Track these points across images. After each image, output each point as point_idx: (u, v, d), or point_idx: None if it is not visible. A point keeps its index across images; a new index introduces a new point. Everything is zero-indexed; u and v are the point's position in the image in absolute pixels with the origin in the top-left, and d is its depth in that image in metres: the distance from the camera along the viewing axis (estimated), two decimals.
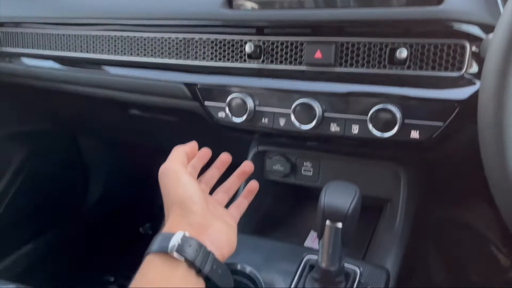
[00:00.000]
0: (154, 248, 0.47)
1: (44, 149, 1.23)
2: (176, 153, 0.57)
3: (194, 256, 0.46)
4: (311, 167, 0.86)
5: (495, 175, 0.45)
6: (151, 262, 0.46)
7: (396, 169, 0.77)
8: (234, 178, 0.65)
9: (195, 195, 0.52)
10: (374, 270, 0.65)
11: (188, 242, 0.47)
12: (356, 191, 0.59)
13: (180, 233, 0.47)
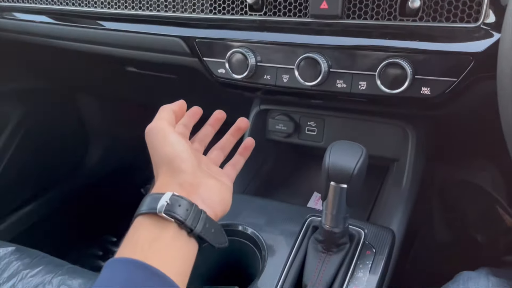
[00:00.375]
0: (143, 209, 0.45)
1: (42, 107, 1.20)
2: (163, 111, 0.54)
3: (184, 216, 0.45)
4: (315, 126, 0.83)
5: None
6: (140, 223, 0.45)
7: (404, 128, 0.74)
8: (229, 135, 0.63)
9: (184, 153, 0.50)
10: (379, 231, 0.64)
11: (178, 202, 0.45)
12: (363, 151, 0.56)
13: (168, 193, 0.45)
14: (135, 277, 0.40)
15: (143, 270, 0.40)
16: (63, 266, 0.81)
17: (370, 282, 0.58)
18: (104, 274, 0.41)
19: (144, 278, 0.40)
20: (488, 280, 0.59)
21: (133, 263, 0.41)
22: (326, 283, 0.58)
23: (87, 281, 0.77)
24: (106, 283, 0.40)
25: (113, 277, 0.40)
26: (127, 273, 0.40)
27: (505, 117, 0.44)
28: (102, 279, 0.41)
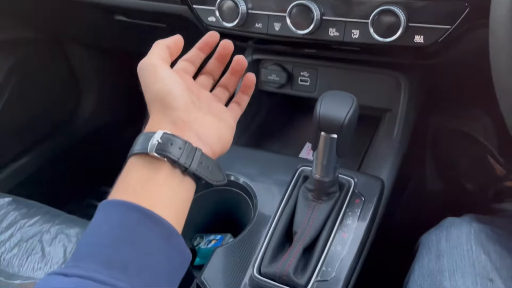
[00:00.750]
0: (135, 149, 0.43)
1: (30, 59, 1.18)
2: (156, 47, 0.51)
3: (177, 154, 0.43)
4: (308, 76, 0.82)
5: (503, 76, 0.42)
6: (132, 164, 0.43)
7: (397, 77, 0.73)
8: (229, 75, 0.59)
9: (176, 89, 0.47)
10: (369, 180, 0.64)
11: (170, 140, 0.43)
12: (354, 101, 0.56)
13: (160, 131, 0.43)
14: (128, 219, 0.39)
15: (136, 212, 0.39)
16: (60, 215, 0.83)
17: (359, 229, 0.60)
18: (97, 217, 0.41)
19: (137, 220, 0.39)
20: (471, 226, 0.61)
21: (126, 205, 0.40)
22: (315, 230, 0.60)
23: (84, 230, 0.79)
24: (99, 227, 0.40)
25: (106, 220, 0.40)
26: (120, 215, 0.39)
27: (495, 64, 0.44)
28: (95, 223, 0.40)
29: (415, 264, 0.62)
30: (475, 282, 0.55)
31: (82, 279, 0.35)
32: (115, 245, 0.38)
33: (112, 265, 0.36)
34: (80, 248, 0.39)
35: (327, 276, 0.56)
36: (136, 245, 0.38)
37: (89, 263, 0.36)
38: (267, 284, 0.56)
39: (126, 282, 0.36)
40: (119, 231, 0.38)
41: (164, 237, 0.39)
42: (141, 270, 0.37)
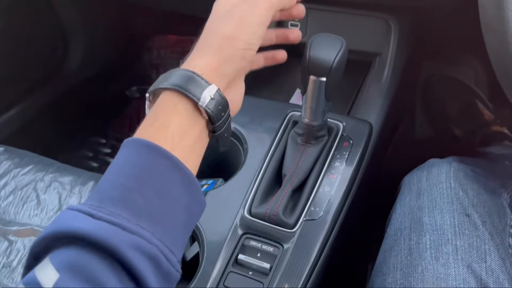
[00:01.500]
0: (182, 86, 0.39)
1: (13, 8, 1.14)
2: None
3: (217, 118, 0.41)
4: (298, 21, 0.80)
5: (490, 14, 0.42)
6: (175, 105, 0.40)
7: (387, 20, 0.72)
8: (272, 33, 0.55)
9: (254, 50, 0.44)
10: (357, 123, 0.65)
11: (220, 103, 0.41)
12: (343, 43, 0.56)
13: (214, 87, 0.40)
14: (158, 165, 0.37)
15: (166, 159, 0.38)
16: (53, 164, 0.84)
17: (346, 171, 0.62)
18: (125, 154, 0.38)
19: (166, 167, 0.38)
20: (451, 166, 0.63)
21: (157, 150, 0.38)
22: (304, 173, 0.61)
23: (78, 178, 0.80)
24: (128, 167, 0.38)
25: (135, 163, 0.37)
26: (151, 159, 0.37)
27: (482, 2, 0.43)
28: (122, 160, 0.38)
29: (397, 203, 0.64)
30: (453, 217, 0.57)
31: (109, 224, 0.34)
32: (142, 191, 0.36)
33: (139, 212, 0.35)
34: (105, 188, 0.37)
35: (315, 215, 0.58)
36: (161, 193, 0.37)
37: (116, 208, 0.35)
38: (257, 224, 0.58)
39: (149, 231, 0.35)
40: (146, 176, 0.37)
41: (185, 185, 0.39)
42: (163, 218, 0.37)
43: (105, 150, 1.38)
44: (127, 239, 0.34)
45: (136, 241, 0.34)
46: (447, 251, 0.55)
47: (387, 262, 0.59)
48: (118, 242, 0.33)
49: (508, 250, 0.60)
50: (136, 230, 0.34)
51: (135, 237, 0.34)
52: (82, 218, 0.34)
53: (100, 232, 0.33)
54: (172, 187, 0.38)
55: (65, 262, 0.32)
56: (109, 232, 0.33)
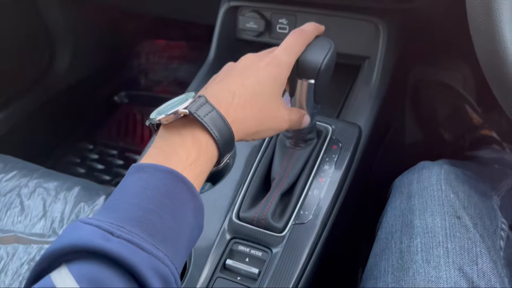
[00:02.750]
0: (213, 127, 0.42)
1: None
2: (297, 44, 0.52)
3: (225, 154, 0.44)
4: (287, 24, 0.80)
5: (477, 15, 0.42)
6: (204, 143, 0.42)
7: (376, 23, 0.72)
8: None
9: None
10: (346, 126, 0.65)
11: (231, 141, 0.44)
12: (331, 45, 0.55)
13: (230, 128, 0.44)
14: (174, 189, 0.39)
15: (182, 183, 0.40)
16: (37, 170, 0.82)
17: (335, 174, 0.61)
18: (143, 179, 0.40)
19: (180, 191, 0.39)
20: (441, 168, 0.62)
21: (173, 174, 0.40)
22: (293, 176, 0.60)
23: (63, 184, 0.78)
24: (145, 189, 0.39)
25: (152, 186, 0.39)
26: (168, 183, 0.39)
27: (470, 2, 0.43)
28: (140, 184, 0.39)
29: (388, 206, 0.64)
30: (444, 220, 0.57)
31: (129, 243, 0.35)
32: (160, 213, 0.38)
33: (155, 233, 0.37)
34: (122, 207, 0.38)
35: (304, 219, 0.57)
36: (176, 216, 0.39)
37: (134, 227, 0.36)
38: (246, 228, 0.57)
39: (163, 252, 0.36)
40: (165, 200, 0.38)
41: (194, 211, 0.41)
42: (175, 240, 0.38)
43: (92, 156, 1.36)
44: (145, 259, 0.35)
45: (153, 262, 0.35)
46: (438, 254, 0.55)
47: (378, 266, 0.59)
48: (137, 261, 0.34)
49: (500, 252, 0.60)
50: (152, 251, 0.36)
51: (152, 257, 0.36)
52: (103, 235, 0.35)
53: (120, 250, 0.34)
54: (186, 212, 0.40)
55: (86, 275, 0.33)
56: (129, 251, 0.35)
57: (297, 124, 0.54)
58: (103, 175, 1.31)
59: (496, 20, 0.41)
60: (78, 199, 0.76)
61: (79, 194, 0.77)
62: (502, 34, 0.41)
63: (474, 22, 0.43)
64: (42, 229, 0.74)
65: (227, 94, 0.46)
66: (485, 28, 0.42)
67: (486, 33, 0.42)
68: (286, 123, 0.52)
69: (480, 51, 0.44)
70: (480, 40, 0.43)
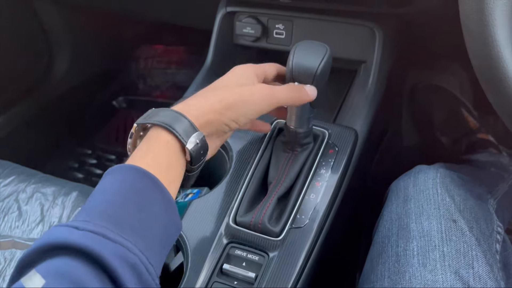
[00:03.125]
0: (173, 127, 0.44)
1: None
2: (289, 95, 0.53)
3: (195, 161, 0.46)
4: (283, 29, 0.81)
5: (470, 20, 0.42)
6: (163, 141, 0.44)
7: (371, 28, 0.72)
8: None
9: (240, 125, 0.50)
10: (342, 131, 0.65)
11: (203, 148, 0.46)
12: (327, 50, 0.56)
13: (201, 135, 0.45)
14: (139, 184, 0.41)
15: (147, 179, 0.41)
16: (35, 175, 0.82)
17: (332, 178, 0.61)
18: (111, 178, 0.42)
19: (146, 186, 0.41)
20: (437, 172, 0.63)
21: (139, 171, 0.41)
22: (290, 180, 0.60)
23: (61, 188, 0.79)
24: (112, 185, 0.41)
25: (119, 181, 0.41)
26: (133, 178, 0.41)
27: (463, 7, 0.44)
28: (108, 182, 0.41)
29: (384, 210, 0.64)
30: (440, 223, 0.57)
31: (93, 234, 0.36)
32: (125, 205, 0.39)
33: (121, 224, 0.38)
34: (92, 204, 0.40)
35: (301, 223, 0.57)
36: (143, 209, 0.40)
37: (100, 220, 0.37)
38: (242, 233, 0.57)
39: (131, 242, 0.37)
40: (130, 193, 0.40)
41: (165, 205, 0.42)
42: (144, 232, 0.39)
43: (90, 161, 1.36)
44: (110, 247, 0.36)
45: (119, 250, 0.36)
46: (434, 257, 0.55)
47: (375, 270, 0.59)
48: (101, 249, 0.35)
49: (496, 256, 0.60)
50: (119, 240, 0.37)
51: (118, 245, 0.36)
52: (68, 230, 0.36)
53: (84, 241, 0.35)
54: (153, 204, 0.41)
55: (51, 269, 0.34)
56: (93, 241, 0.35)
57: (293, 100, 0.54)
58: None
59: (489, 25, 0.42)
60: (76, 204, 0.76)
61: (77, 199, 0.77)
62: (495, 39, 0.42)
63: (468, 27, 0.44)
64: (39, 234, 0.74)
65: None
66: (478, 33, 0.42)
67: (479, 38, 0.43)
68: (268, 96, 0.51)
69: (473, 55, 0.44)
70: (474, 45, 0.44)
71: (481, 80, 0.45)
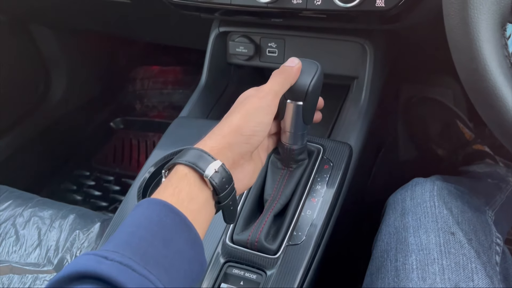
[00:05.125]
0: (192, 162, 0.45)
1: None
2: (278, 83, 0.53)
3: (221, 190, 0.46)
4: (276, 47, 0.82)
5: (455, 32, 0.43)
6: (185, 175, 0.45)
7: (362, 44, 0.73)
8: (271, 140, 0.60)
9: (260, 136, 0.50)
10: (337, 146, 0.65)
11: (223, 175, 0.46)
12: (318, 67, 0.56)
13: (219, 162, 0.46)
14: (166, 219, 0.41)
15: (174, 214, 0.42)
16: (32, 199, 0.82)
17: (328, 194, 0.61)
18: (138, 211, 0.42)
19: (173, 221, 0.42)
20: (434, 184, 0.63)
21: (167, 206, 0.42)
22: (285, 197, 0.61)
23: (58, 212, 0.78)
24: (139, 219, 0.42)
25: (146, 216, 0.42)
26: (161, 214, 0.41)
27: (448, 21, 0.44)
28: (136, 215, 0.42)
29: (382, 224, 0.64)
30: (438, 236, 0.57)
31: (121, 265, 0.37)
32: (152, 240, 0.40)
33: (147, 258, 0.38)
34: (120, 236, 0.40)
35: (298, 240, 0.57)
36: (168, 244, 0.40)
37: (127, 252, 0.38)
38: (239, 251, 0.57)
39: (155, 276, 0.38)
40: (157, 228, 0.41)
41: (189, 242, 0.42)
42: (168, 268, 0.40)
43: (89, 182, 1.36)
44: (136, 279, 0.37)
45: (143, 282, 0.37)
46: (434, 271, 0.55)
47: (375, 285, 0.58)
48: (127, 281, 0.36)
49: (496, 267, 0.60)
50: (144, 273, 0.37)
51: (142, 278, 0.37)
52: (97, 260, 0.37)
53: (111, 271, 0.36)
54: (178, 240, 0.41)
55: None
56: (120, 272, 0.36)
57: (285, 80, 0.54)
58: (100, 202, 1.31)
59: (475, 38, 0.42)
60: (73, 227, 0.76)
61: (74, 221, 0.77)
62: (481, 52, 0.42)
63: (453, 41, 0.44)
64: (37, 258, 0.73)
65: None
66: (464, 47, 0.43)
67: (465, 52, 0.43)
68: (265, 94, 0.52)
69: (460, 69, 0.45)
70: (460, 59, 0.44)
71: (470, 93, 0.46)
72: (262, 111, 0.51)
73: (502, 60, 0.42)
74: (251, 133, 0.49)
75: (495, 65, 0.41)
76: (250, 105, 0.51)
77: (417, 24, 0.68)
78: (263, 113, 0.51)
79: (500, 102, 0.42)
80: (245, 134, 0.49)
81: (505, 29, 0.43)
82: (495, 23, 0.42)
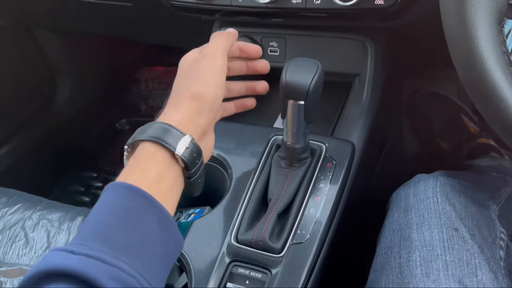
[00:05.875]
0: (159, 137, 0.43)
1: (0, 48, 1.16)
2: (221, 39, 0.53)
3: (192, 166, 0.44)
4: (277, 46, 0.82)
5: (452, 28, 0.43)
6: (153, 153, 0.43)
7: (363, 41, 0.73)
8: (241, 85, 0.62)
9: (220, 100, 0.48)
10: (339, 144, 0.66)
11: (194, 151, 0.44)
12: (318, 66, 0.57)
13: (189, 137, 0.44)
14: (134, 203, 0.40)
15: (142, 197, 0.41)
16: (41, 202, 0.83)
17: (331, 192, 0.62)
18: (106, 197, 0.41)
19: (141, 205, 0.40)
20: (437, 180, 0.63)
21: (134, 189, 0.41)
22: (289, 196, 0.61)
23: (66, 214, 0.80)
24: (108, 206, 0.40)
25: (114, 202, 0.40)
26: (128, 198, 0.40)
27: (445, 17, 0.45)
28: (103, 202, 0.41)
29: (386, 221, 0.64)
30: (441, 232, 0.57)
31: (89, 258, 0.36)
32: (120, 227, 0.39)
33: (117, 246, 0.38)
34: (87, 227, 0.39)
35: (302, 238, 0.58)
36: (138, 229, 0.39)
37: (95, 243, 0.37)
38: (244, 251, 0.58)
39: (128, 264, 0.37)
40: (125, 214, 0.40)
41: (161, 223, 0.41)
42: (141, 252, 0.39)
43: (96, 184, 1.37)
44: (106, 271, 0.36)
45: (115, 273, 0.36)
46: (437, 267, 0.55)
47: (379, 282, 0.59)
48: (97, 274, 0.35)
49: (500, 262, 0.60)
50: (115, 263, 0.36)
51: (114, 269, 0.36)
52: (64, 255, 0.36)
53: (80, 266, 0.35)
54: (148, 223, 0.40)
55: None
56: (89, 265, 0.35)
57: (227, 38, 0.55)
58: None
59: (472, 36, 0.43)
60: None
61: (82, 223, 0.78)
62: (479, 49, 0.43)
63: (451, 39, 0.44)
64: None
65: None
66: (462, 45, 0.43)
67: (463, 49, 0.43)
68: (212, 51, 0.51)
69: (459, 66, 0.45)
70: (458, 56, 0.44)
71: (468, 90, 0.46)
72: (219, 73, 0.49)
73: (500, 56, 0.42)
74: (214, 98, 0.48)
75: (493, 61, 0.41)
76: (204, 68, 0.49)
77: (417, 20, 0.68)
78: (219, 75, 0.49)
79: (499, 98, 0.42)
80: (209, 100, 0.47)
81: (502, 25, 0.43)
82: (492, 20, 0.42)
